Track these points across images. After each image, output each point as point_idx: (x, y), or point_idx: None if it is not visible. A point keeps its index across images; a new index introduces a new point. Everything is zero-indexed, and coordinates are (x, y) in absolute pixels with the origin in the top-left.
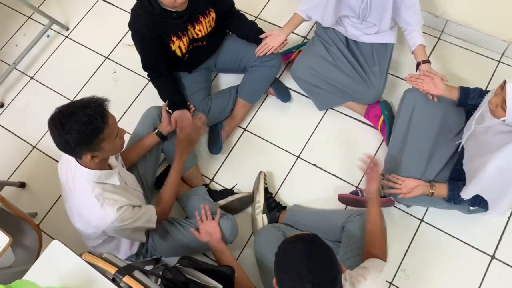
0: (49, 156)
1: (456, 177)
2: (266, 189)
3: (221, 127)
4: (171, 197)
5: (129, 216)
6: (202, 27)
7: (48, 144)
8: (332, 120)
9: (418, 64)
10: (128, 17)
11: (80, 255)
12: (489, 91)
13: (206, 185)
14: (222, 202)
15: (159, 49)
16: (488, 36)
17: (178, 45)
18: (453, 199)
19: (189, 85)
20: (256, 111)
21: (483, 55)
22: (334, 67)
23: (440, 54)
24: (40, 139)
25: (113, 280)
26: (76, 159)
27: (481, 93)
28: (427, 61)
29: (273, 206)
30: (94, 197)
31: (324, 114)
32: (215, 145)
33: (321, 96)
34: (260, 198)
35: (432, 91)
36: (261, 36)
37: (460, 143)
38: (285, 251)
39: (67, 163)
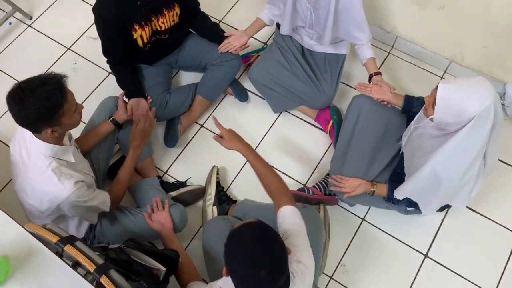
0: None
1: (396, 179)
2: (218, 183)
3: (178, 122)
4: (125, 184)
5: (85, 193)
6: (166, 20)
7: None
8: (285, 122)
9: (370, 77)
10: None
11: (23, 226)
12: None
13: (159, 177)
14: (173, 193)
15: (120, 36)
16: (433, 53)
17: (140, 34)
18: (392, 199)
19: (149, 78)
20: (214, 109)
21: (428, 71)
22: (289, 73)
23: (389, 67)
24: None
25: (56, 252)
26: (33, 133)
27: (423, 102)
28: (379, 73)
29: (224, 199)
30: (51, 170)
31: (278, 116)
32: (171, 138)
33: (276, 99)
34: (212, 190)
35: (379, 96)
36: (225, 34)
37: (400, 146)
38: (235, 241)
39: (21, 138)
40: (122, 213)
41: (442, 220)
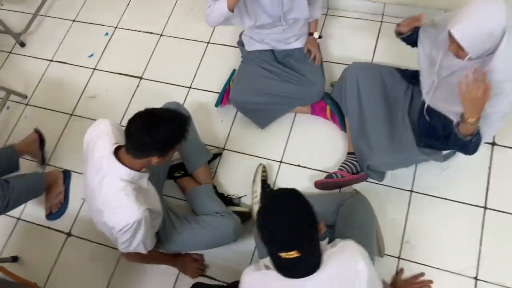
0: (36, 224)
1: (424, 132)
2: (263, 181)
3: None
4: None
5: (146, 225)
6: None
7: (32, 212)
8: (300, 122)
9: (310, 34)
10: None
11: None
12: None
13: (214, 187)
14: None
15: None
16: (425, 8)
17: None
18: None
19: None
20: (230, 131)
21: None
22: (273, 80)
23: (387, 36)
24: (23, 210)
25: None
26: (117, 156)
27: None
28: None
29: None
30: (124, 194)
31: (294, 118)
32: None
33: (263, 112)
34: (257, 188)
35: None
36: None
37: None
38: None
39: (98, 157)
40: (180, 221)
41: (489, 167)
